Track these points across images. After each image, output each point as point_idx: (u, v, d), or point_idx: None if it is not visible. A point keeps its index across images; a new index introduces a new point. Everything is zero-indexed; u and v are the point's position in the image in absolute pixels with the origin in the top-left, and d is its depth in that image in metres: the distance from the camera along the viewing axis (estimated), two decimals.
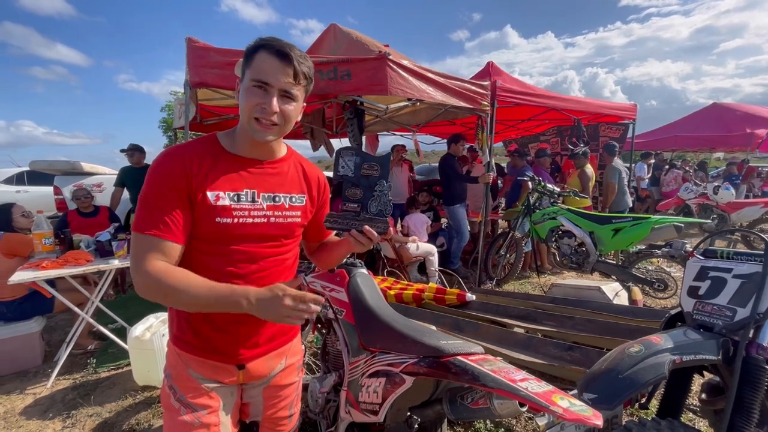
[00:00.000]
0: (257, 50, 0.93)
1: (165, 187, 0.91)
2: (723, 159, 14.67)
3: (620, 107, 5.96)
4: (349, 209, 1.03)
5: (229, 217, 0.96)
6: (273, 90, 0.92)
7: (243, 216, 0.98)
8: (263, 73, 0.91)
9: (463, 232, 4.99)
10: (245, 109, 0.94)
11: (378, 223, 1.02)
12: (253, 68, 0.92)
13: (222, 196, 0.96)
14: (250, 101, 0.93)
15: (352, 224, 1.02)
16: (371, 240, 1.01)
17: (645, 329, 2.05)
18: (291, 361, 1.19)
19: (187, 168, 0.93)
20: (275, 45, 0.92)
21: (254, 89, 0.92)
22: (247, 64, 0.95)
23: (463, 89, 3.85)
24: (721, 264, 1.36)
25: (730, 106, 10.47)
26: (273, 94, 0.93)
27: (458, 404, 1.16)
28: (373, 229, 1.01)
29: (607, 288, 3.10)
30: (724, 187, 6.38)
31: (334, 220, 1.03)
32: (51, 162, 6.36)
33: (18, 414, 2.38)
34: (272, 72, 0.91)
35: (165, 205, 0.91)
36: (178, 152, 0.96)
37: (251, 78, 0.92)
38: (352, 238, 1.02)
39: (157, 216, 0.90)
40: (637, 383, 1.11)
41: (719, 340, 1.26)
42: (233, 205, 0.97)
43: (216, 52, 3.00)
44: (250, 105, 0.93)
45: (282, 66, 0.92)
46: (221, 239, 0.97)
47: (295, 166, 1.11)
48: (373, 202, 1.03)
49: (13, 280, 2.51)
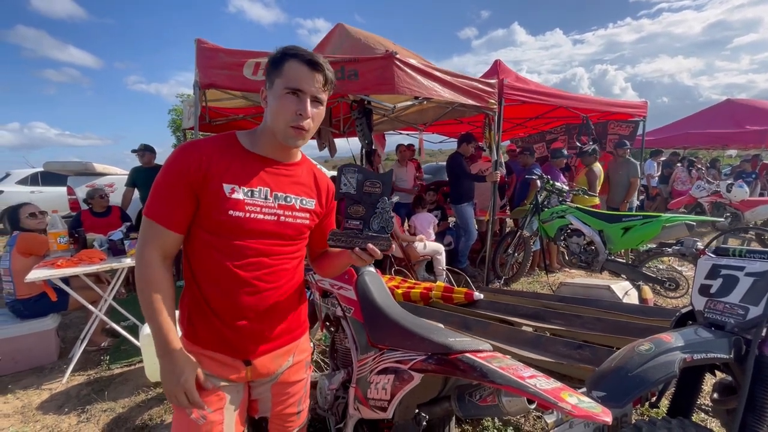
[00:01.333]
0: (286, 59, 0.98)
1: (175, 178, 0.97)
2: (736, 156, 14.39)
3: (630, 104, 5.89)
4: (352, 227, 1.04)
5: (242, 210, 1.00)
6: (306, 97, 0.98)
7: (255, 211, 1.01)
8: (297, 81, 0.97)
9: (470, 230, 4.98)
10: (281, 116, 0.99)
11: (380, 240, 1.03)
12: (285, 76, 0.98)
13: (237, 189, 1.00)
14: (287, 108, 0.98)
15: (355, 242, 1.03)
16: (373, 257, 1.03)
17: (655, 328, 2.03)
18: (299, 358, 1.21)
19: (201, 162, 0.98)
20: (305, 54, 0.98)
21: (288, 96, 0.98)
22: (275, 71, 0.99)
23: (470, 87, 3.84)
24: (733, 262, 1.34)
25: (744, 102, 10.27)
26: (306, 101, 0.99)
27: (466, 401, 1.16)
28: (375, 246, 1.02)
29: (616, 287, 3.07)
30: (737, 184, 6.28)
31: (337, 238, 1.04)
32: (64, 163, 6.49)
33: (35, 408, 2.44)
34: (305, 80, 0.98)
35: (174, 196, 0.97)
36: (195, 147, 1.01)
37: (285, 86, 0.98)
38: (355, 256, 1.03)
39: (166, 206, 0.97)
40: (647, 382, 1.11)
41: (731, 339, 1.24)
42: (246, 200, 1.00)
43: (225, 53, 3.03)
44: (288, 113, 0.98)
45: (313, 74, 0.98)
46: (233, 233, 1.00)
47: (307, 172, 1.16)
48: (375, 219, 1.04)
49: (30, 278, 2.57)
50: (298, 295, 1.18)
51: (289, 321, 1.15)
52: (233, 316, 1.04)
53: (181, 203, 0.97)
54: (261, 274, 1.05)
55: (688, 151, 11.86)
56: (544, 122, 6.81)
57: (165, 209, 0.97)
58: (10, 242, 2.95)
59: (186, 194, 0.97)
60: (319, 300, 1.94)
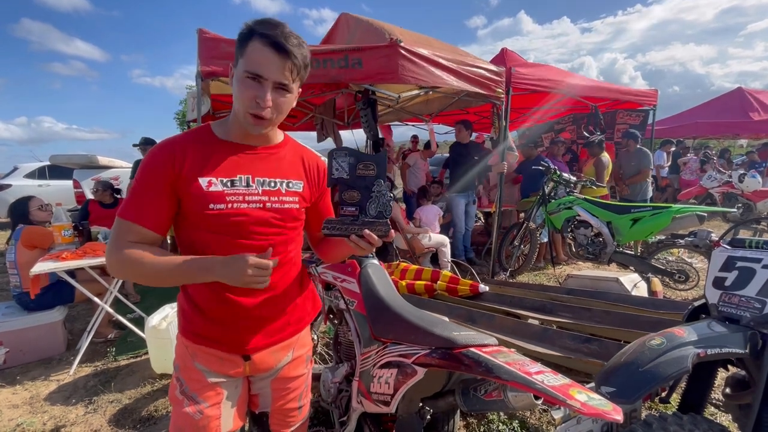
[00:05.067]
0: (251, 37, 0.89)
1: (150, 177, 0.93)
2: (747, 146, 14.09)
3: (640, 93, 5.75)
4: (347, 213, 0.98)
5: (222, 202, 0.95)
6: (267, 83, 0.90)
7: (237, 201, 0.96)
8: (257, 65, 0.88)
9: (456, 223, 4.93)
10: (240, 101, 0.92)
11: (378, 225, 0.96)
12: (246, 58, 0.89)
13: (214, 182, 0.95)
14: (245, 94, 0.90)
15: (351, 229, 0.96)
16: (372, 244, 0.96)
17: (666, 322, 1.99)
18: (299, 353, 1.19)
19: (174, 158, 0.93)
20: (270, 35, 0.88)
21: (248, 81, 0.90)
22: (240, 50, 0.91)
23: (477, 75, 3.76)
24: (749, 254, 1.30)
25: (756, 90, 10.01)
26: (268, 88, 0.90)
27: (471, 396, 1.14)
28: (373, 232, 0.95)
29: (625, 279, 3.01)
30: (750, 174, 6.15)
31: (332, 226, 0.98)
32: (69, 156, 6.54)
33: (42, 399, 2.46)
34: (267, 65, 0.88)
35: (146, 194, 0.93)
36: (168, 144, 0.97)
37: (245, 69, 0.89)
38: (353, 244, 0.96)
39: (138, 203, 0.93)
40: (659, 377, 1.07)
41: (747, 333, 1.20)
42: (226, 191, 0.95)
43: (227, 43, 2.98)
44: (245, 99, 0.91)
45: (277, 59, 0.89)
46: (218, 227, 0.96)
47: (292, 153, 1.09)
48: (372, 203, 0.98)
49: (35, 271, 2.58)
50: (297, 286, 1.15)
51: (288, 314, 1.12)
52: (226, 311, 1.01)
53: (154, 201, 0.93)
54: None
55: (698, 141, 11.63)
56: (550, 112, 6.69)
57: (136, 207, 0.93)
58: (15, 235, 2.96)
59: (161, 192, 0.93)
60: (322, 292, 1.93)
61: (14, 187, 8.42)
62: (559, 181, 4.26)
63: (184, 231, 1.00)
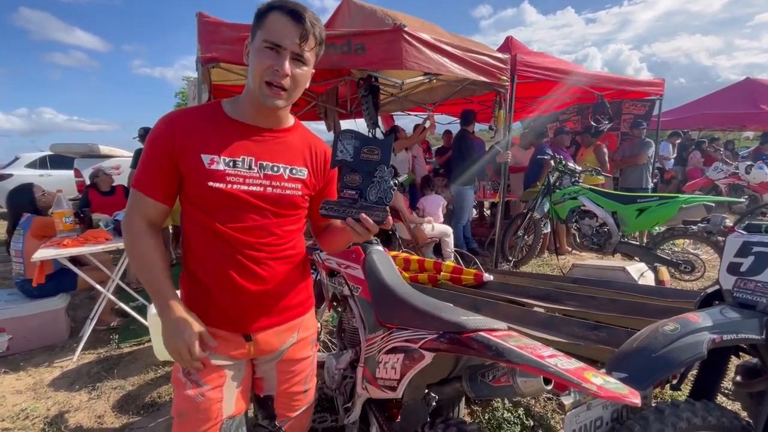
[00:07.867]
0: (270, 10, 0.90)
1: (150, 149, 0.95)
2: (754, 138, 13.94)
3: (646, 82, 5.66)
4: (347, 196, 0.95)
5: (222, 182, 0.94)
6: (285, 52, 0.90)
7: (238, 182, 0.96)
8: (276, 34, 0.89)
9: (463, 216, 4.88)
10: (256, 71, 0.91)
11: (376, 211, 0.93)
12: (265, 29, 0.90)
13: (217, 160, 0.94)
14: (262, 63, 0.90)
15: (348, 212, 0.94)
16: (368, 230, 0.93)
17: (675, 309, 1.95)
18: (303, 335, 1.17)
19: (174, 132, 0.94)
20: (288, 5, 0.89)
21: (266, 51, 0.90)
22: (258, 24, 0.92)
23: (481, 63, 3.68)
24: (766, 239, 1.26)
25: (764, 81, 9.86)
26: (285, 57, 0.90)
27: (479, 382, 1.11)
28: (370, 217, 0.92)
29: (632, 268, 2.97)
30: (757, 166, 6.09)
31: (330, 207, 0.95)
32: (69, 145, 6.52)
33: (46, 385, 2.47)
34: (285, 33, 0.89)
35: (150, 166, 0.96)
36: (173, 116, 0.97)
37: (263, 39, 0.90)
38: (349, 227, 0.94)
39: (145, 175, 0.97)
40: (673, 363, 1.05)
41: (762, 319, 1.17)
42: (228, 170, 0.95)
43: (228, 27, 2.93)
44: (262, 67, 0.90)
45: (295, 27, 0.89)
46: (217, 206, 0.96)
47: (300, 139, 1.08)
48: (373, 188, 0.95)
49: (36, 257, 2.57)
50: (299, 271, 1.14)
51: (290, 297, 1.10)
52: (226, 289, 1.01)
53: (159, 172, 0.95)
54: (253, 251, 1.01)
55: (704, 133, 11.50)
56: (555, 102, 6.60)
57: (144, 178, 0.97)
58: (23, 225, 2.94)
59: (163, 163, 0.95)
60: (326, 279, 1.90)
61: (15, 177, 8.40)
62: (564, 171, 4.21)
63: (185, 214, 1.01)
